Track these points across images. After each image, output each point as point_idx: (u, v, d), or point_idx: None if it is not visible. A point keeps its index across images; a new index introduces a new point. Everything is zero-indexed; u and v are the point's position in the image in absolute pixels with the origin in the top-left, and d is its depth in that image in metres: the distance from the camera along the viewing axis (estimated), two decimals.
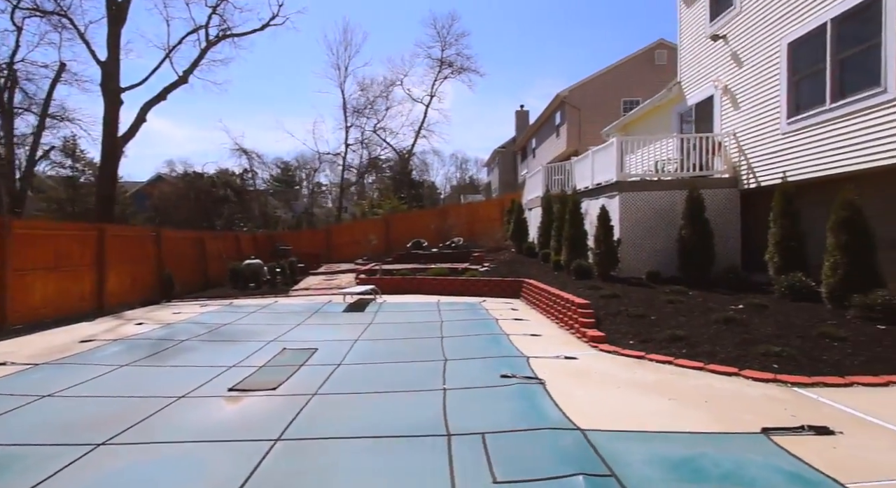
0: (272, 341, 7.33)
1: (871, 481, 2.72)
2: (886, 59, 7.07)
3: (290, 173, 50.21)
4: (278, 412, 4.28)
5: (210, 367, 5.86)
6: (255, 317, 9.90)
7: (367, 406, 4.42)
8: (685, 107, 12.64)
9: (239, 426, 4.03)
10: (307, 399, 4.62)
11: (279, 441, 3.63)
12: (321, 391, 4.87)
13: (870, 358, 5.08)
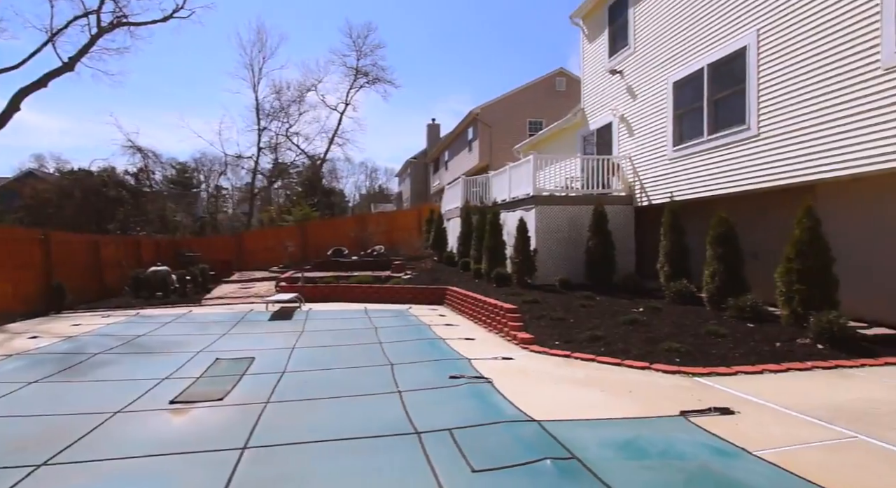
0: (200, 352, 7.03)
1: (771, 448, 3.40)
2: (750, 102, 8.58)
3: (186, 175, 46.23)
4: (235, 421, 4.19)
5: (139, 380, 5.53)
6: (172, 327, 9.25)
7: (328, 411, 4.46)
8: (588, 130, 14.03)
9: (197, 437, 3.89)
10: (261, 407, 4.54)
11: (246, 449, 3.58)
12: (273, 399, 4.80)
13: (747, 350, 6.13)
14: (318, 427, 4.00)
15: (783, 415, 4.08)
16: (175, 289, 14.32)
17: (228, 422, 4.18)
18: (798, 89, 7.66)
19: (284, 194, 44.94)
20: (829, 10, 7.15)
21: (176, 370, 5.97)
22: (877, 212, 7.11)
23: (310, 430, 3.91)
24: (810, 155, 7.46)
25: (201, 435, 3.91)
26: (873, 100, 6.57)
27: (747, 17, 8.61)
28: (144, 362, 6.53)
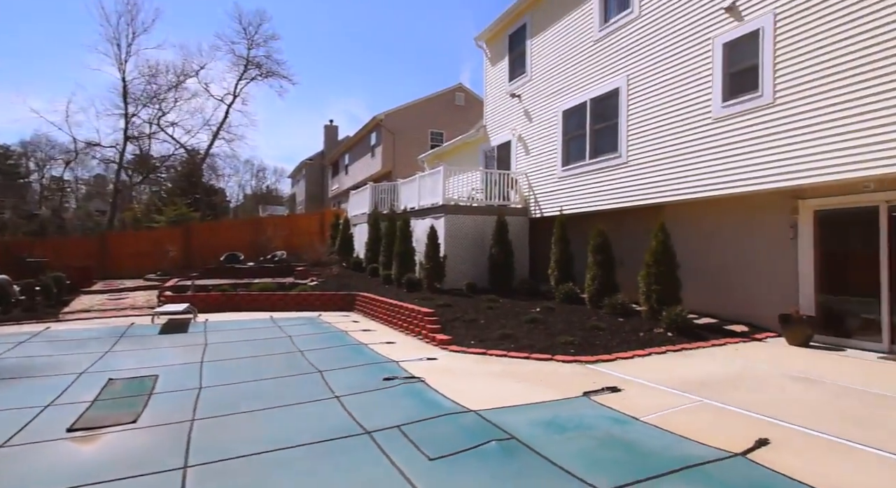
0: (84, 373, 6.41)
1: (651, 414, 4.40)
2: (621, 134, 10.23)
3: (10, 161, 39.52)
4: (162, 442, 4.07)
5: (13, 410, 4.93)
6: (31, 347, 8.16)
7: (269, 421, 4.54)
8: (490, 146, 15.24)
9: (123, 462, 3.69)
10: (187, 425, 4.45)
11: (189, 468, 3.56)
12: (200, 416, 4.70)
13: (621, 340, 7.44)
14: (264, 437, 4.08)
15: (653, 389, 5.21)
16: (18, 302, 12.37)
17: (155, 444, 4.04)
18: (655, 128, 9.38)
19: (151, 190, 40.68)
20: (676, 66, 8.92)
21: (59, 395, 5.42)
22: (705, 228, 9.01)
23: (256, 441, 3.97)
24: (663, 181, 9.19)
25: (128, 460, 3.71)
26: (705, 142, 8.38)
27: (620, 64, 10.26)
28: (12, 389, 5.76)
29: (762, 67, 7.52)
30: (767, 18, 7.46)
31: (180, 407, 4.95)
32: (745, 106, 7.75)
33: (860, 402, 4.68)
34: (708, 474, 3.29)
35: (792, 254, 7.71)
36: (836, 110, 6.55)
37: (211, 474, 3.50)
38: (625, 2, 10.29)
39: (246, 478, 3.41)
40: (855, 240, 7.02)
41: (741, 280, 8.48)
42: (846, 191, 6.94)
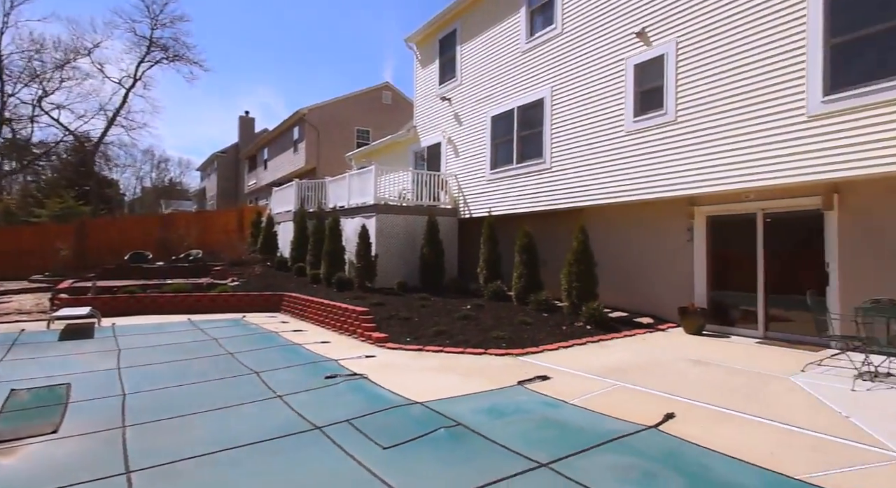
0: None
1: (578, 397, 4.90)
2: (545, 141, 10.96)
3: None
4: (93, 450, 3.86)
5: None
6: None
7: (212, 422, 4.42)
8: (420, 147, 15.48)
9: (55, 472, 3.45)
10: (119, 432, 4.22)
11: (133, 473, 3.44)
12: (131, 422, 4.47)
13: (547, 334, 8.04)
14: (211, 438, 4.00)
15: (577, 376, 5.76)
16: None
17: (87, 452, 3.83)
18: (576, 137, 10.19)
19: (27, 180, 36.08)
20: (595, 82, 9.76)
21: None
22: (618, 230, 9.98)
23: (203, 443, 3.90)
24: (582, 187, 10.02)
25: (60, 470, 3.49)
26: (619, 153, 9.28)
27: (545, 75, 11.00)
28: None
29: (666, 88, 8.49)
30: (671, 45, 8.45)
31: (106, 414, 4.65)
32: (652, 122, 8.70)
33: (743, 379, 5.54)
34: (628, 444, 3.79)
35: (689, 254, 8.80)
36: (724, 131, 7.62)
37: (160, 476, 3.40)
38: (549, 18, 11.04)
39: (200, 478, 3.37)
40: (738, 242, 8.19)
41: (648, 277, 9.49)
42: (732, 200, 8.07)
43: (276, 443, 3.91)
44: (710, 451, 3.65)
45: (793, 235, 7.55)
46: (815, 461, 3.47)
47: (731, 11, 7.58)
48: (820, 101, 6.58)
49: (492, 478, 3.21)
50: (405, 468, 3.40)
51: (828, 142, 6.50)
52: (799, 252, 7.45)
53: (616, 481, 3.20)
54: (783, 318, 7.62)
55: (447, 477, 3.26)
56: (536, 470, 3.35)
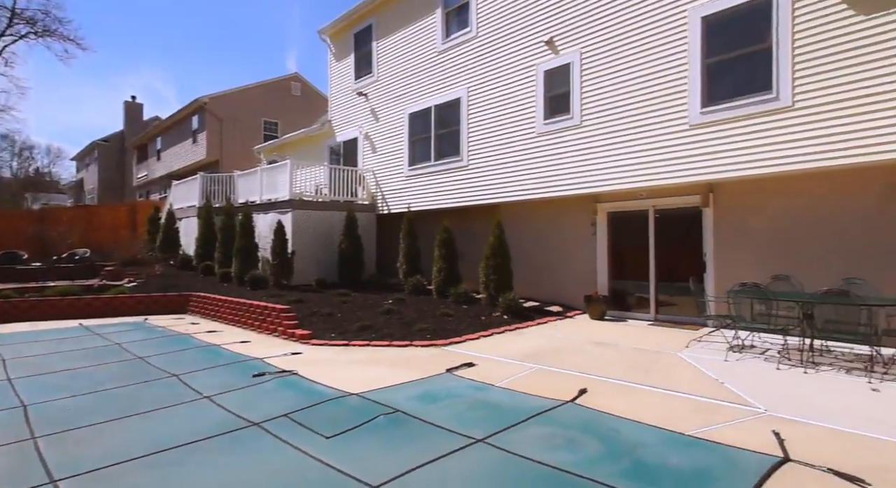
0: None
1: (503, 380, 5.28)
2: (462, 139, 11.38)
3: None
4: (3, 463, 3.51)
5: None
6: None
7: (136, 427, 4.14)
8: (336, 142, 15.19)
9: None
10: (30, 443, 3.85)
11: (60, 481, 3.19)
12: (40, 433, 4.05)
13: (468, 325, 8.43)
14: (140, 441, 3.78)
15: (500, 362, 6.17)
16: None
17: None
18: (491, 136, 10.72)
19: None
20: (508, 85, 10.34)
21: None
22: (531, 225, 10.69)
23: (134, 446, 3.68)
24: (498, 184, 10.57)
25: None
26: (532, 153, 9.94)
27: (461, 76, 11.39)
28: None
29: (573, 94, 9.26)
30: (575, 55, 9.22)
31: (7, 427, 4.17)
32: (560, 125, 9.43)
33: (640, 357, 6.31)
34: (551, 417, 4.21)
35: (592, 247, 9.69)
36: (622, 135, 8.51)
37: (92, 482, 3.19)
38: (464, 21, 11.45)
39: (139, 478, 3.22)
40: (634, 236, 9.18)
41: (557, 269, 10.28)
42: (629, 198, 9.04)
43: (215, 441, 3.80)
44: (618, 418, 4.18)
45: (678, 229, 8.65)
46: (700, 419, 4.12)
47: (626, 29, 8.47)
48: (699, 112, 7.62)
49: (434, 455, 3.43)
50: (350, 453, 3.50)
51: (705, 149, 7.56)
52: (683, 244, 8.55)
53: (544, 449, 3.56)
54: (670, 303, 8.72)
55: (392, 458, 3.41)
56: (474, 444, 3.62)
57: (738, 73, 7.31)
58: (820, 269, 6.80)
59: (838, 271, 6.57)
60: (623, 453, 3.48)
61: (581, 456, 3.44)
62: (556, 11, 9.53)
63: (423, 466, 3.27)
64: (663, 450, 3.53)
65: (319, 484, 3.08)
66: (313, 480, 3.14)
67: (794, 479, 3.06)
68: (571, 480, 3.09)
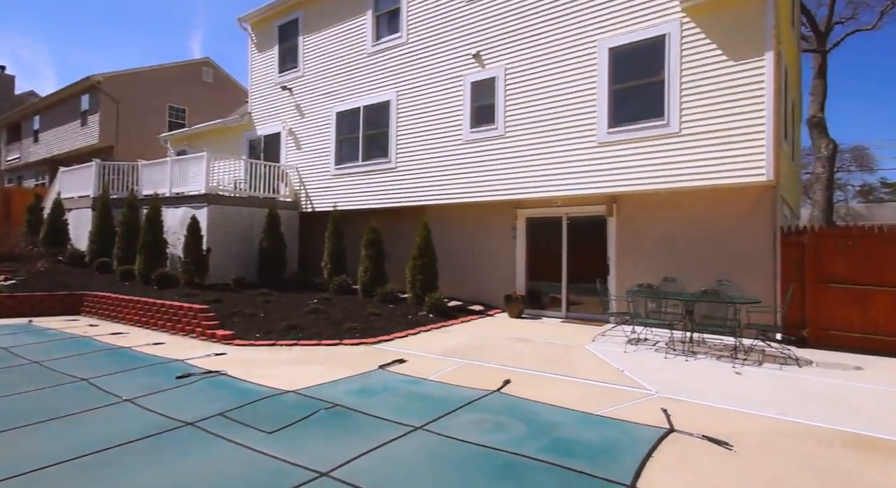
0: None
1: (434, 374, 5.62)
2: (391, 141, 11.57)
3: None
4: None
5: None
6: None
7: (58, 432, 3.88)
8: (256, 135, 14.60)
9: None
10: None
11: None
12: None
13: (395, 323, 8.67)
14: (69, 445, 3.56)
15: (429, 358, 6.51)
16: None
17: None
18: (420, 141, 11.06)
19: None
20: (437, 92, 10.75)
21: None
22: (457, 228, 11.20)
23: (59, 450, 3.47)
24: (426, 187, 10.94)
25: None
26: (458, 159, 10.44)
27: (391, 79, 11.60)
28: None
29: (497, 106, 9.88)
30: (500, 70, 9.86)
31: None
32: (486, 134, 10.02)
33: (554, 350, 6.99)
34: (480, 405, 4.62)
35: (512, 250, 10.39)
36: (541, 148, 9.26)
37: (27, 484, 3.02)
38: (395, 26, 11.67)
39: (76, 481, 3.08)
40: (549, 240, 10.00)
41: (479, 270, 10.86)
42: (546, 205, 9.84)
43: (150, 442, 3.70)
44: (538, 403, 4.69)
45: (587, 235, 9.58)
46: (605, 401, 4.76)
47: (546, 51, 9.24)
48: (606, 132, 8.56)
49: (378, 443, 3.66)
50: (295, 446, 3.61)
51: (610, 164, 8.50)
52: (590, 249, 9.50)
53: (476, 432, 3.95)
54: (579, 302, 9.64)
55: (338, 448, 3.58)
56: (414, 431, 3.91)
57: (638, 99, 8.33)
58: (699, 272, 7.98)
59: (713, 274, 7.77)
60: (544, 432, 3.97)
61: (508, 436, 3.87)
62: (484, 28, 10.11)
63: (368, 452, 3.49)
64: (577, 428, 4.07)
65: (270, 474, 3.18)
66: (263, 472, 3.23)
67: (678, 445, 3.72)
68: (502, 456, 3.49)
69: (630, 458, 3.46)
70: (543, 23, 9.30)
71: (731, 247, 7.90)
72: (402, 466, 3.33)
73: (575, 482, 3.12)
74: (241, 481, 3.11)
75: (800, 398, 4.87)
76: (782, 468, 3.35)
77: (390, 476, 3.17)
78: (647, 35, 8.16)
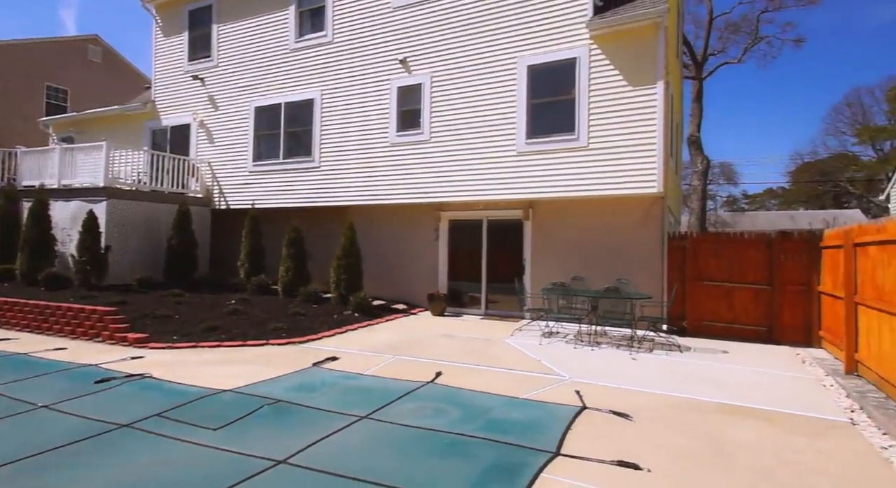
0: None
1: (370, 369, 5.83)
2: (314, 140, 11.49)
3: None
4: None
5: None
6: None
7: None
8: (161, 125, 13.57)
9: None
10: None
11: None
12: None
13: (321, 323, 8.68)
14: None
15: (360, 355, 6.71)
16: None
17: None
18: (346, 141, 11.11)
19: None
20: (364, 95, 10.89)
21: None
22: (382, 228, 11.41)
23: None
24: (351, 187, 11.02)
25: None
26: (385, 161, 10.67)
27: (315, 78, 11.51)
28: None
29: (423, 112, 10.26)
30: (427, 77, 10.26)
31: None
32: (412, 138, 10.35)
33: (478, 344, 7.51)
34: (417, 395, 4.96)
35: (435, 250, 10.82)
36: (465, 154, 9.81)
37: None
38: (319, 24, 11.59)
39: (27, 481, 2.89)
40: (470, 242, 10.57)
41: (403, 269, 11.15)
42: (467, 208, 10.40)
43: (86, 444, 3.55)
44: (469, 391, 5.13)
45: (505, 238, 10.29)
46: (527, 387, 5.33)
47: (471, 62, 9.81)
48: (524, 143, 9.30)
49: (328, 431, 3.85)
50: (245, 440, 3.67)
51: (527, 173, 9.26)
52: (508, 250, 10.22)
53: (417, 418, 4.27)
54: (497, 300, 10.32)
55: (289, 439, 3.70)
56: (360, 421, 4.14)
57: (553, 114, 9.18)
58: (602, 272, 8.99)
59: (614, 273, 8.81)
60: (478, 414, 4.40)
61: (447, 420, 4.25)
62: (411, 36, 10.45)
63: (321, 440, 3.67)
64: (506, 410, 4.56)
65: (227, 465, 3.24)
66: (219, 463, 3.27)
67: (589, 419, 4.35)
68: (445, 436, 3.86)
69: (553, 431, 4.00)
70: (469, 36, 9.86)
71: (628, 250, 9.01)
72: (356, 450, 3.56)
73: (510, 452, 3.58)
74: (199, 472, 3.15)
75: (682, 378, 5.83)
76: (670, 432, 4.09)
77: (346, 459, 3.39)
78: (561, 56, 9.03)
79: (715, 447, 3.77)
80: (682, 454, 3.63)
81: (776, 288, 8.06)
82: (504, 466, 3.35)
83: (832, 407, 4.79)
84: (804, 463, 3.51)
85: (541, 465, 3.36)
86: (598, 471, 3.31)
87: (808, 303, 7.86)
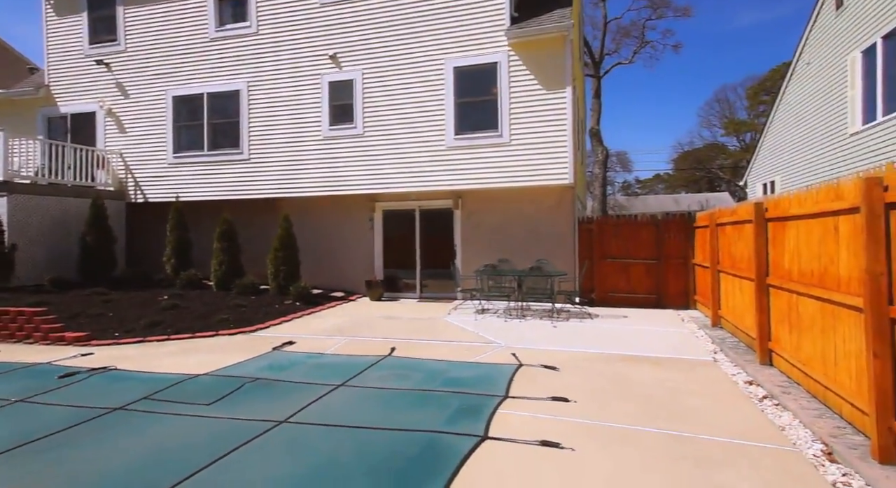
0: None
1: (328, 350, 6.35)
2: (243, 132, 11.41)
3: None
4: None
5: None
6: None
7: None
8: (59, 112, 12.48)
9: None
10: None
11: None
12: None
13: (265, 313, 8.88)
14: None
15: (314, 338, 7.18)
16: None
17: None
18: (276, 134, 11.20)
19: None
20: (293, 88, 11.03)
21: None
22: (317, 219, 11.69)
23: None
24: (283, 180, 11.17)
25: None
26: (318, 154, 10.95)
27: (240, 69, 11.38)
28: None
29: (356, 107, 10.68)
30: (358, 73, 10.67)
31: None
32: (345, 132, 10.73)
33: (420, 323, 8.28)
34: (381, 366, 5.62)
35: (370, 239, 11.36)
36: (396, 147, 10.42)
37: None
38: (241, 15, 11.44)
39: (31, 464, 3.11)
40: (404, 230, 11.24)
41: (339, 258, 11.54)
42: (400, 199, 11.04)
43: (81, 429, 3.74)
44: (424, 360, 5.90)
45: (437, 226, 11.10)
46: (472, 353, 6.22)
47: (401, 61, 10.39)
48: (453, 138, 10.14)
49: (315, 397, 4.41)
50: (241, 410, 4.12)
51: (455, 166, 10.12)
52: (440, 237, 11.05)
53: (387, 382, 4.96)
54: (430, 284, 11.14)
55: (280, 406, 4.20)
56: (338, 388, 4.74)
57: (478, 112, 10.10)
58: (525, 254, 10.16)
59: (534, 254, 10.01)
60: (437, 375, 5.20)
61: (413, 381, 4.99)
62: (340, 32, 10.76)
63: (310, 404, 4.24)
64: (459, 371, 5.40)
65: (231, 429, 3.70)
66: (224, 427, 3.72)
67: (526, 372, 5.33)
68: (413, 393, 4.61)
69: (500, 382, 4.91)
70: (398, 36, 10.42)
71: (545, 233, 10.26)
72: (345, 408, 4.19)
73: (470, 399, 4.42)
74: (207, 435, 3.59)
75: (593, 338, 7.08)
76: (587, 377, 5.20)
77: (340, 415, 4.01)
78: (484, 60, 9.94)
79: (619, 383, 4.92)
80: (596, 390, 4.71)
81: (662, 262, 9.75)
82: (468, 408, 4.18)
83: (701, 351, 6.24)
84: (679, 389, 4.76)
85: (496, 404, 4.24)
86: (538, 405, 4.26)
87: (686, 274, 9.63)
